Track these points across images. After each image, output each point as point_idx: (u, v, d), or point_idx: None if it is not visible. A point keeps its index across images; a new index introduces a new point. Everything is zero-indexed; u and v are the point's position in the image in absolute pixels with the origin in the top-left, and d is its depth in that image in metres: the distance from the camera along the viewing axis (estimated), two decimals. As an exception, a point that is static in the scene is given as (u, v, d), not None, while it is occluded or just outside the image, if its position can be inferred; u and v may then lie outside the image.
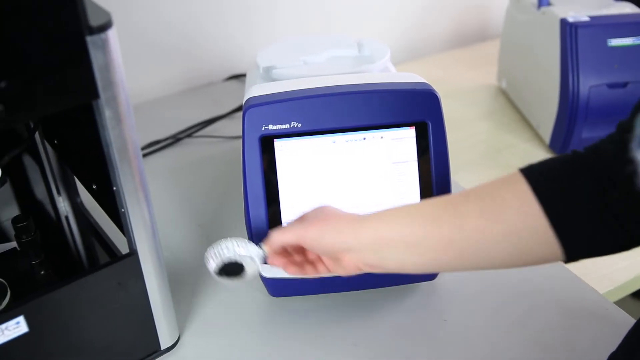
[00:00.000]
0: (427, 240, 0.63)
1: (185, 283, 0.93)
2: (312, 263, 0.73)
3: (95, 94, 0.58)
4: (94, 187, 0.76)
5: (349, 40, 1.04)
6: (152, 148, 1.25)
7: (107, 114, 0.60)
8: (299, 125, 0.79)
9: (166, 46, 1.45)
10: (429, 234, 0.63)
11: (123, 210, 0.68)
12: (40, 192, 1.03)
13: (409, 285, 0.92)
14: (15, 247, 0.90)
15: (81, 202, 1.01)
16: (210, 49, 1.54)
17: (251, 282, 0.91)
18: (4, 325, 0.64)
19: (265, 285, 0.88)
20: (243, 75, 1.53)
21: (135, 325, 0.77)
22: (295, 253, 0.74)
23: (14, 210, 0.99)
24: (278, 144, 0.80)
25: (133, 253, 0.71)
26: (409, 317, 0.88)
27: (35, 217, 0.87)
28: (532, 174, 0.62)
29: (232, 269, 0.72)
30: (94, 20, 0.55)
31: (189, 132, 1.31)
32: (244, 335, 0.85)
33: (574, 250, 0.61)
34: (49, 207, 1.04)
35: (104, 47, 0.56)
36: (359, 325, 0.86)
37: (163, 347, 0.81)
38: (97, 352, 0.75)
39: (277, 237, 0.70)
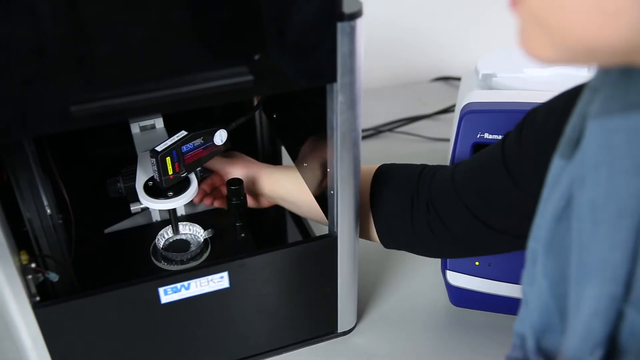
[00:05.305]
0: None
1: (370, 274, 0.94)
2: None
3: (333, 78, 0.60)
4: (305, 165, 0.80)
5: (578, 58, 0.99)
6: (353, 136, 1.29)
7: (340, 98, 0.62)
8: (517, 138, 0.77)
9: (382, 40, 1.47)
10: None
11: (332, 192, 0.70)
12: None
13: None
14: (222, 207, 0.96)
15: (283, 176, 1.06)
16: (422, 48, 1.54)
17: (434, 287, 0.90)
18: (210, 277, 0.70)
19: (449, 293, 0.87)
20: (451, 78, 1.52)
21: (320, 303, 0.79)
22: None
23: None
24: (491, 154, 0.78)
25: (333, 235, 0.73)
26: None
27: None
28: (383, 167, 0.77)
29: (179, 246, 0.85)
30: (347, 8, 0.57)
31: (391, 127, 1.32)
32: (417, 336, 0.85)
33: (385, 239, 0.76)
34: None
35: (351, 34, 0.58)
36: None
37: (340, 330, 0.83)
38: (281, 321, 0.79)
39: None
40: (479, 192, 0.67)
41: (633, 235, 0.39)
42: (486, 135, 0.78)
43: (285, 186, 0.84)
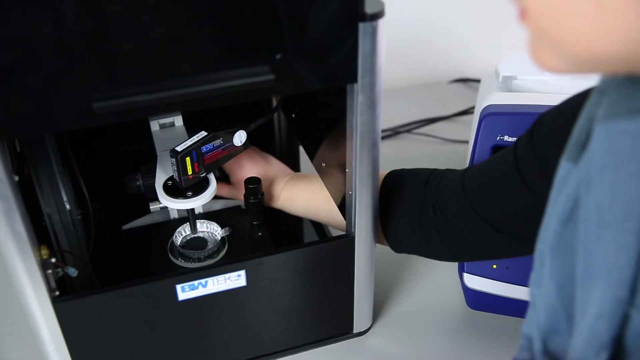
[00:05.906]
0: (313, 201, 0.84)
1: (386, 275, 0.94)
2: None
3: (354, 78, 0.60)
4: (323, 165, 0.80)
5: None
6: (371, 137, 1.28)
7: (360, 99, 0.62)
8: (537, 141, 0.76)
9: (401, 41, 1.47)
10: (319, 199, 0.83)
11: (351, 192, 0.70)
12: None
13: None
14: (240, 206, 0.97)
15: (300, 176, 1.06)
16: (442, 49, 1.53)
17: (451, 289, 0.90)
18: (227, 275, 0.70)
19: (465, 296, 0.86)
20: (471, 80, 1.51)
21: (336, 303, 0.79)
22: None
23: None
24: (510, 156, 0.78)
25: (350, 235, 0.73)
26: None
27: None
28: (392, 173, 0.78)
29: (196, 244, 0.85)
30: (369, 8, 0.57)
31: (409, 128, 1.32)
32: (433, 338, 0.85)
33: (395, 244, 0.78)
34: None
35: (373, 35, 0.58)
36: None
37: (355, 330, 0.83)
38: (297, 320, 0.80)
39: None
40: (490, 196, 0.67)
41: (638, 238, 0.39)
42: (506, 138, 0.77)
43: (302, 197, 0.87)
